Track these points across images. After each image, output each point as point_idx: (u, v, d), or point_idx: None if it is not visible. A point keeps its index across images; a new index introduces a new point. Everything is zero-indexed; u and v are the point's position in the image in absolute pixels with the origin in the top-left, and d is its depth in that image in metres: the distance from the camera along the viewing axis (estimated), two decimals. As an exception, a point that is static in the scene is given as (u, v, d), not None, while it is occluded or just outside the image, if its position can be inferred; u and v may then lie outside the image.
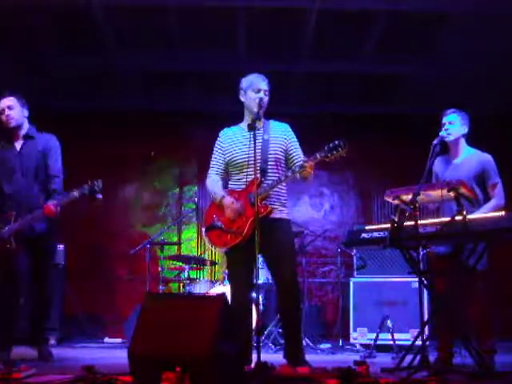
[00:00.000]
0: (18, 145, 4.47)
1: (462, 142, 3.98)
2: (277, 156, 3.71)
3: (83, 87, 6.71)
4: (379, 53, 5.97)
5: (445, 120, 3.94)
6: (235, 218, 3.59)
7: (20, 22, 5.42)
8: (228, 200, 3.63)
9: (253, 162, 3.44)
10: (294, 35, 5.74)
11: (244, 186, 3.67)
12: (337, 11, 5.30)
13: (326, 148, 3.45)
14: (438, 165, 4.05)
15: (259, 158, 3.60)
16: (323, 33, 5.61)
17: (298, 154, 3.76)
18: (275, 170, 3.70)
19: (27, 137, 4.49)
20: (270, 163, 3.68)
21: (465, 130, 3.95)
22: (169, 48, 6.01)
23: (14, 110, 4.43)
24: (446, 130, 3.89)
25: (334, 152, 3.43)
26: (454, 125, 3.91)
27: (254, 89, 3.69)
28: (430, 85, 6.54)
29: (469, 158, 3.94)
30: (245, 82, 3.77)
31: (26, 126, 4.51)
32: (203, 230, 3.76)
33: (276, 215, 3.64)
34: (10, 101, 4.45)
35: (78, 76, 6.47)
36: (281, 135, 3.77)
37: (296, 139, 3.84)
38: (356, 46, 5.92)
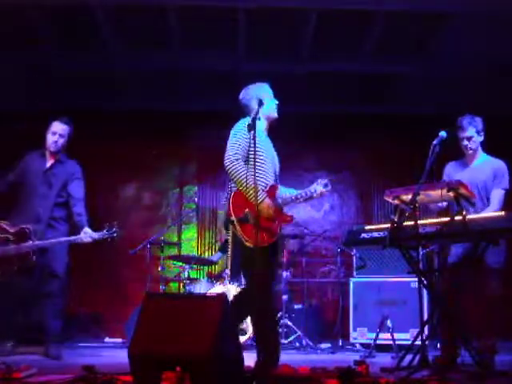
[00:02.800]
0: (49, 163, 4.63)
1: (479, 148, 4.06)
2: None
3: (83, 87, 6.71)
4: (379, 53, 5.97)
5: (463, 135, 4.00)
6: (271, 218, 3.55)
7: (20, 21, 5.43)
8: (266, 202, 3.54)
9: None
10: (294, 35, 5.75)
11: (264, 186, 3.62)
12: (337, 11, 5.30)
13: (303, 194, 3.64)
14: (451, 170, 4.10)
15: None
16: (323, 33, 5.62)
17: None
18: None
19: (58, 160, 4.64)
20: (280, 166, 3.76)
21: (482, 137, 4.03)
22: (169, 48, 6.01)
23: (64, 139, 4.61)
24: (466, 145, 3.99)
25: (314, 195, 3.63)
26: (473, 139, 3.99)
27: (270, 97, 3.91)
28: (430, 85, 6.53)
29: (484, 164, 4.01)
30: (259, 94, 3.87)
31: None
32: (233, 218, 3.55)
33: None
34: (64, 130, 4.61)
35: (77, 76, 6.47)
36: None
37: None
38: (356, 46, 5.92)
